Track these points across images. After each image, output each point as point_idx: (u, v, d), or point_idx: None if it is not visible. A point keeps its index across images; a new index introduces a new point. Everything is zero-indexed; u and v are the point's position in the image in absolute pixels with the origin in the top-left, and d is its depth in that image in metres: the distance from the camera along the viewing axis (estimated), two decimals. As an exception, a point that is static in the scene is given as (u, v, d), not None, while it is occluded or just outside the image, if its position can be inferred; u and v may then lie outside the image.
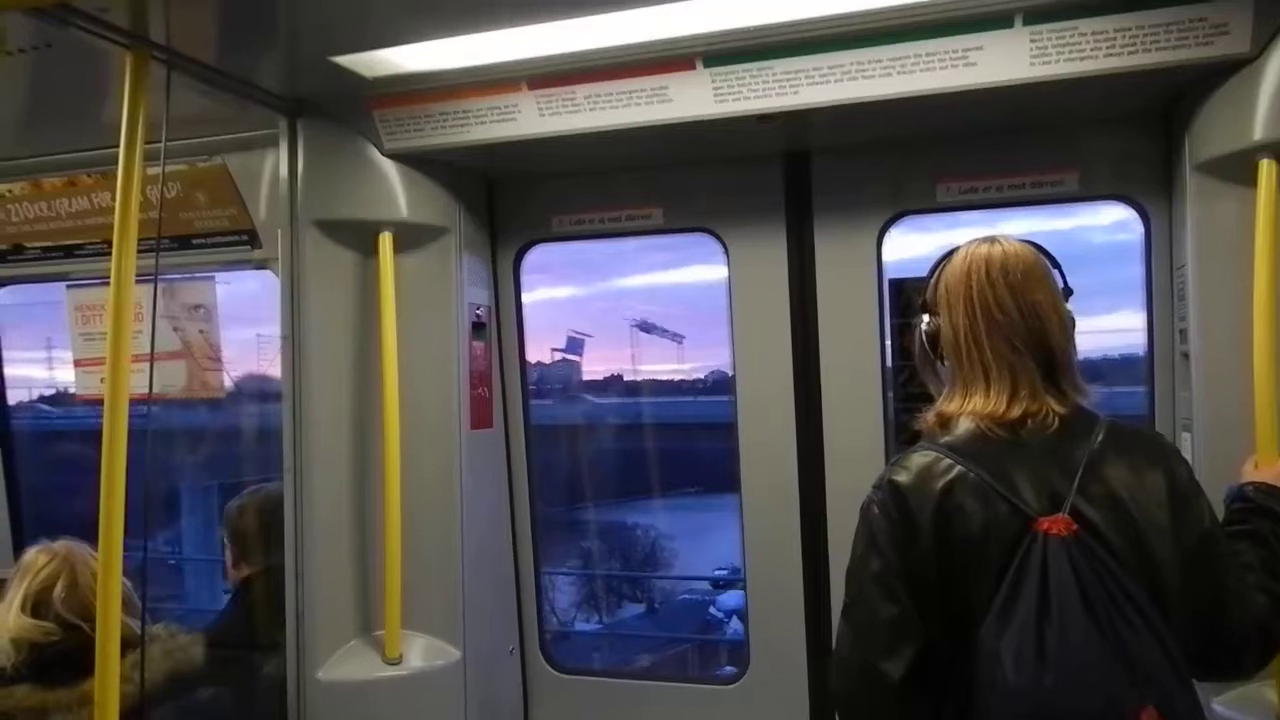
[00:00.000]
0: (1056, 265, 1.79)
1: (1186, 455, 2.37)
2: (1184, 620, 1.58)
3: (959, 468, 1.61)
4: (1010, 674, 1.47)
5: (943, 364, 1.79)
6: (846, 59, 2.30)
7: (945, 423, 1.72)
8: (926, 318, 1.81)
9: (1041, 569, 1.50)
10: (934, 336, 1.79)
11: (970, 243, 1.78)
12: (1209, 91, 2.25)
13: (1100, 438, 1.64)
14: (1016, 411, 1.64)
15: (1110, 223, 2.78)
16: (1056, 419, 1.64)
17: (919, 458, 1.66)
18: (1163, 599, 1.55)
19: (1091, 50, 2.15)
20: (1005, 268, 1.70)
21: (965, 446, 1.64)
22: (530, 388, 3.28)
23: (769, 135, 2.68)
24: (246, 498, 3.15)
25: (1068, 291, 1.78)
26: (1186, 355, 2.40)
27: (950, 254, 1.79)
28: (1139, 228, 2.65)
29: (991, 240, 1.75)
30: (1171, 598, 1.57)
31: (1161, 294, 2.60)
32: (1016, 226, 1.76)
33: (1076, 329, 1.76)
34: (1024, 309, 1.68)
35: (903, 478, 1.64)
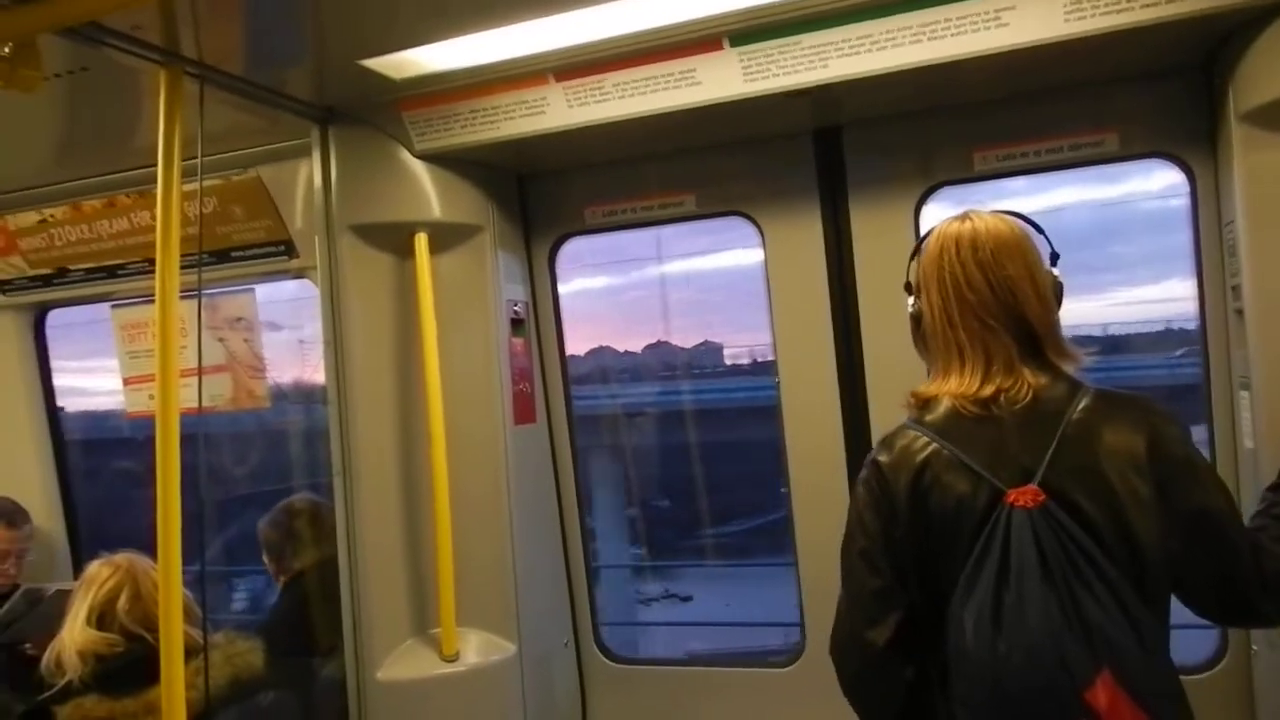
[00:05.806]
0: (1041, 232, 1.80)
1: (1245, 414, 2.32)
2: (1201, 584, 1.63)
3: (934, 445, 1.67)
4: (970, 640, 1.54)
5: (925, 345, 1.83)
6: (875, 28, 2.27)
7: (925, 403, 1.75)
8: (912, 299, 1.86)
9: (1004, 539, 1.56)
10: (918, 318, 1.83)
11: (944, 221, 1.81)
12: (1251, 39, 2.19)
13: (1080, 407, 1.65)
14: (989, 389, 1.67)
15: (1161, 188, 2.71)
16: (1030, 392, 1.66)
17: (900, 438, 1.73)
18: (1140, 566, 1.56)
19: (1129, 2, 2.10)
20: (975, 245, 1.73)
21: (942, 425, 1.70)
22: (676, 373, 3.27)
23: (799, 111, 2.65)
24: (274, 513, 3.37)
25: (1055, 257, 1.80)
26: (1240, 312, 2.34)
27: (929, 234, 1.83)
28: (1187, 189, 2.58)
29: (964, 217, 1.78)
30: (1156, 566, 1.57)
31: (1211, 251, 2.54)
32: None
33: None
34: (995, 284, 1.70)
35: (884, 457, 1.72)
